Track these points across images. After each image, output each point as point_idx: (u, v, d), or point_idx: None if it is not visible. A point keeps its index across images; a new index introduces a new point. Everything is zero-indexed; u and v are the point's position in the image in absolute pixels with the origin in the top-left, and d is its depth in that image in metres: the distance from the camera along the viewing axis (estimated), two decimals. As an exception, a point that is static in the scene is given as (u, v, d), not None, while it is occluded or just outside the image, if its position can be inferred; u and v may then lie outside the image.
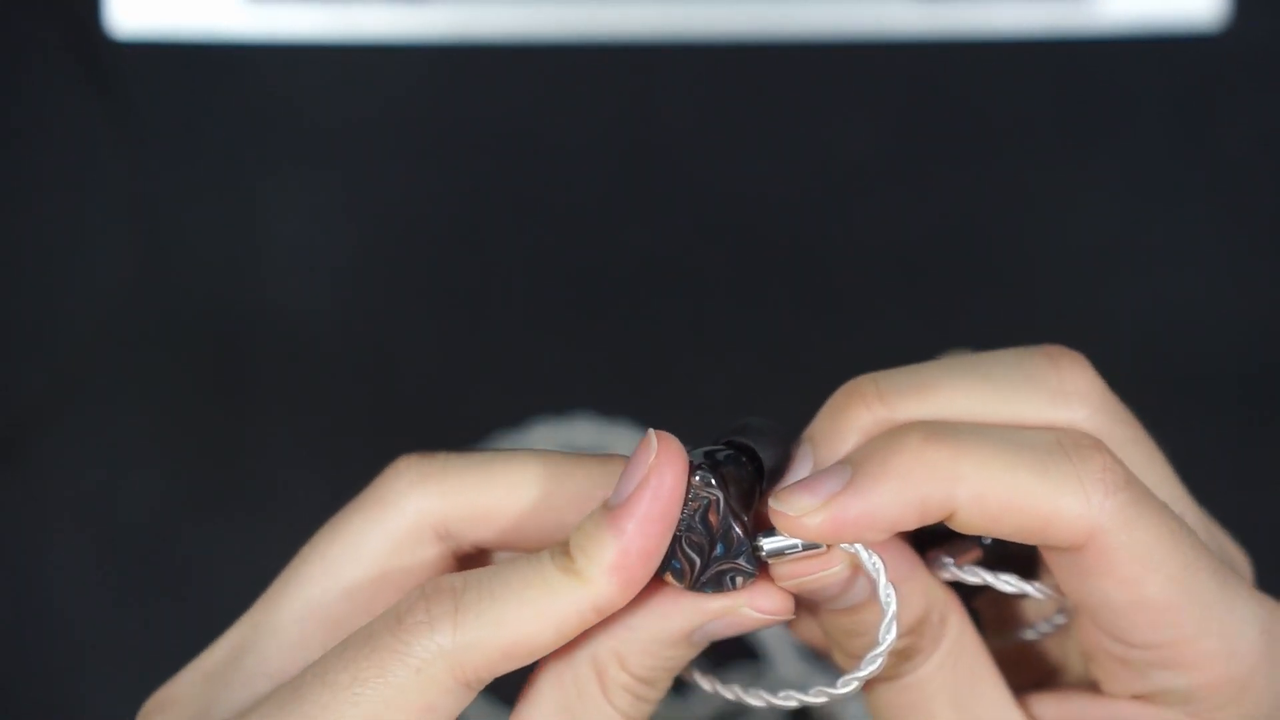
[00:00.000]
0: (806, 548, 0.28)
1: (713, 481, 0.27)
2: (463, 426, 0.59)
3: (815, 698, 0.28)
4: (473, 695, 0.27)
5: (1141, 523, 0.27)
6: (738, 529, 0.27)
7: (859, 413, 0.29)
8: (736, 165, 0.60)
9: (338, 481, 0.58)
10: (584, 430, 0.59)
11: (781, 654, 0.54)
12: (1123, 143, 0.60)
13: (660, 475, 0.27)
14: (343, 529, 0.30)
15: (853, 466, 0.28)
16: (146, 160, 0.60)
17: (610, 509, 0.27)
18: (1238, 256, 0.59)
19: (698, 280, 0.59)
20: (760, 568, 0.28)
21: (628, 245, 0.60)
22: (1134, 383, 0.59)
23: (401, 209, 0.60)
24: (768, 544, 0.28)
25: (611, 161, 0.60)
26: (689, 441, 0.28)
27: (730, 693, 0.30)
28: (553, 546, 0.28)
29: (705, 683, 0.30)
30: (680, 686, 0.53)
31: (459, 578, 0.27)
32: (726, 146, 0.60)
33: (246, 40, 0.60)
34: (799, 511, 0.27)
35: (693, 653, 0.29)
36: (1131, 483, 0.27)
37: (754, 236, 0.60)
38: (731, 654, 0.54)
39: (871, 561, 0.27)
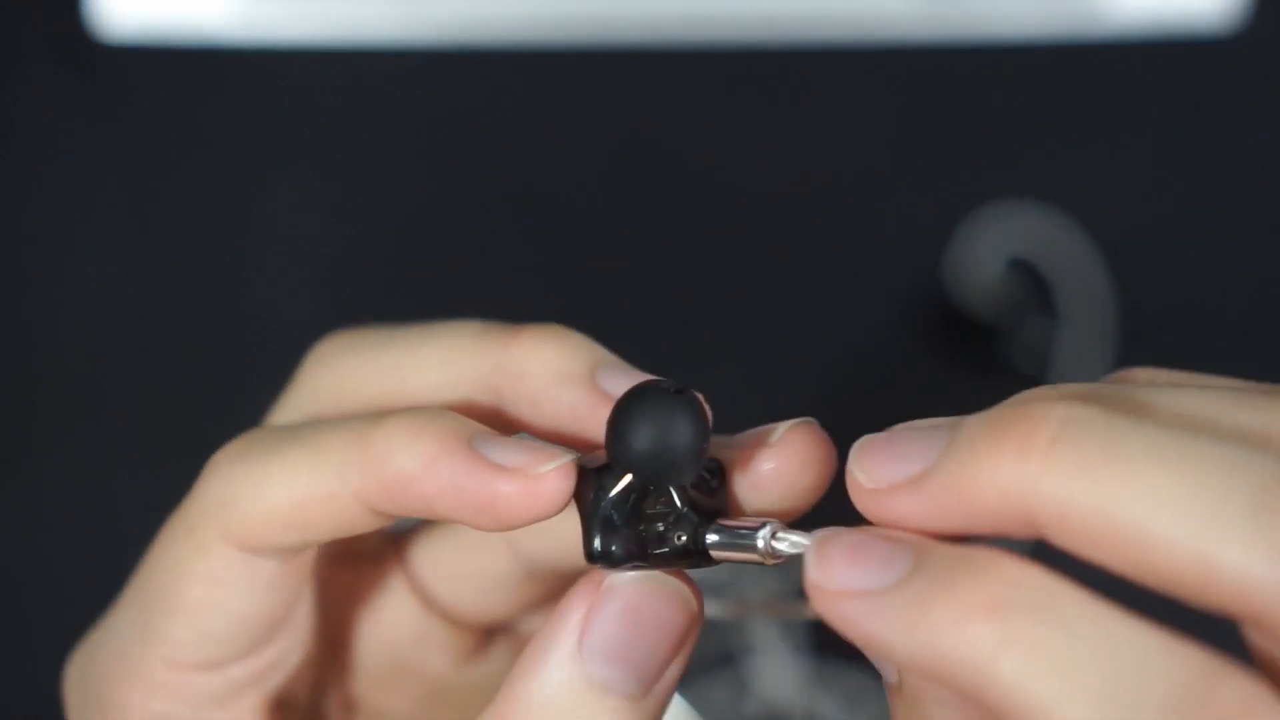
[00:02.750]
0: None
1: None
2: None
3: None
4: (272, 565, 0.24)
5: None
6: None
7: (1011, 457, 0.20)
8: (736, 168, 0.60)
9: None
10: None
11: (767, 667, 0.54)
12: (1133, 146, 0.59)
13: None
14: None
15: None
16: (141, 164, 0.60)
17: (463, 438, 0.23)
18: (1251, 260, 0.59)
19: (696, 282, 0.59)
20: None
21: (626, 248, 0.60)
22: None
23: (398, 211, 0.60)
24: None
25: (610, 165, 0.60)
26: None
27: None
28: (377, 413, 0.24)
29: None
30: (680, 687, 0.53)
31: (265, 429, 0.25)
32: (726, 150, 0.60)
33: (238, 42, 0.60)
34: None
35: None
36: None
37: (754, 239, 0.60)
38: (709, 665, 0.54)
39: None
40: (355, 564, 0.28)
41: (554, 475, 0.22)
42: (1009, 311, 0.57)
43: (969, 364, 0.59)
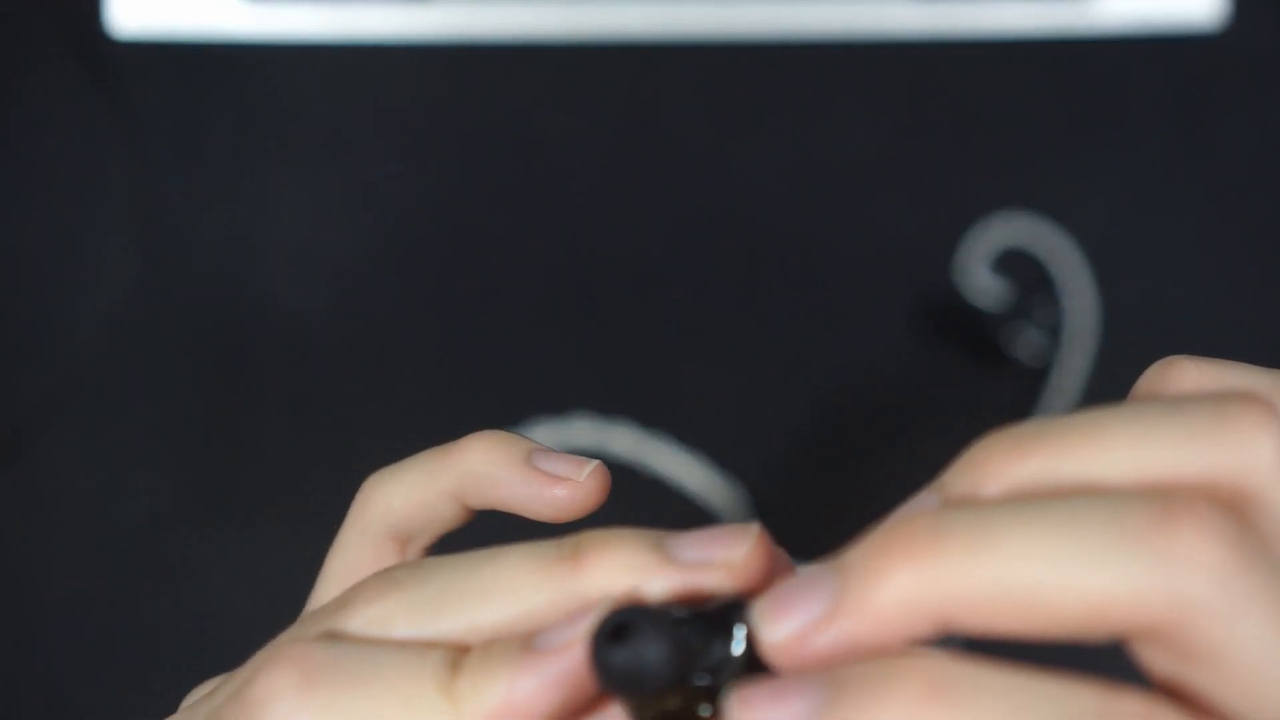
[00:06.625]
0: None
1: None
2: (464, 426, 0.59)
3: None
4: None
5: None
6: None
7: (903, 569, 0.22)
8: (737, 165, 0.60)
9: (338, 482, 0.58)
10: (583, 430, 0.59)
11: None
12: (1120, 142, 0.60)
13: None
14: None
15: (832, 690, 0.21)
16: (147, 160, 0.60)
17: (528, 649, 0.24)
18: (1234, 255, 0.59)
19: (698, 280, 0.59)
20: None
21: (628, 245, 0.60)
22: (1128, 382, 0.59)
23: (402, 209, 0.60)
24: None
25: (611, 162, 0.60)
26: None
27: None
28: (447, 650, 0.25)
29: None
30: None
31: (325, 649, 0.25)
32: (727, 146, 0.60)
33: (247, 40, 0.60)
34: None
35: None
36: None
37: (754, 237, 0.60)
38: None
39: None
40: None
41: (592, 477, 0.29)
42: (1012, 306, 0.57)
43: (972, 361, 0.59)
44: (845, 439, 0.58)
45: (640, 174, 0.60)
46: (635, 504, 0.57)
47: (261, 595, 0.55)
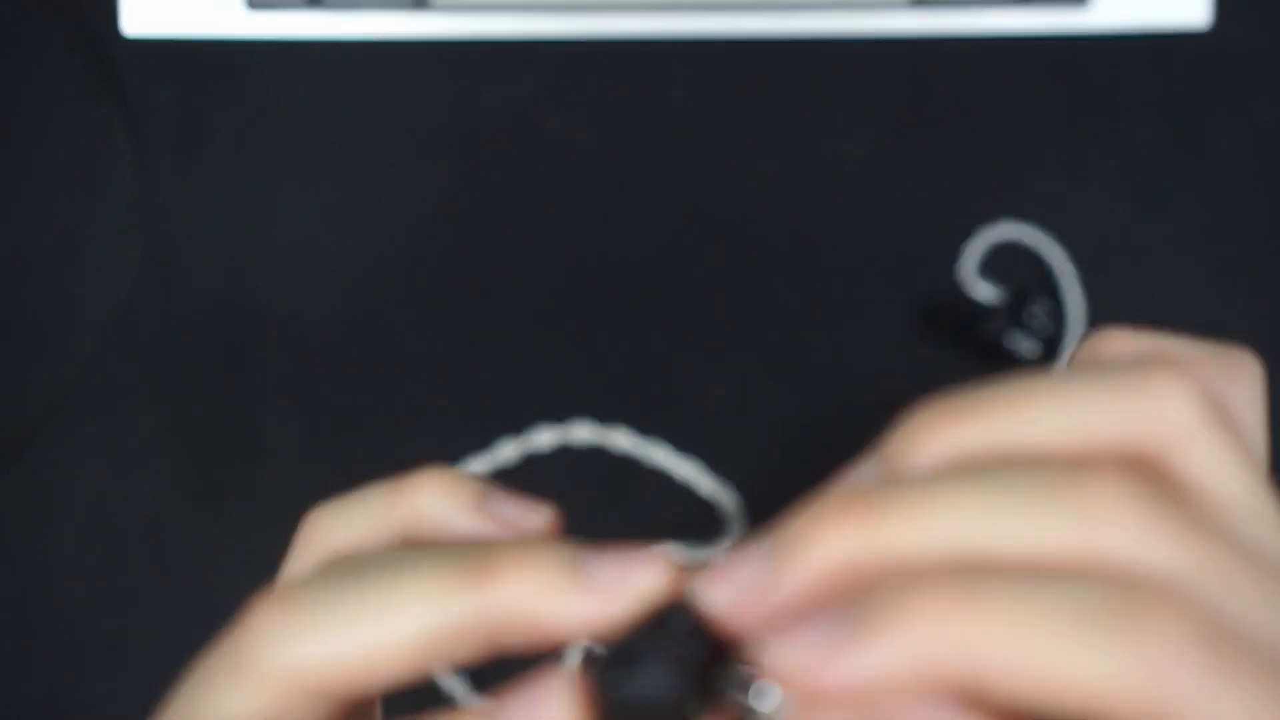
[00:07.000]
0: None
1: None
2: (463, 427, 0.59)
3: None
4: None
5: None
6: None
7: (838, 532, 0.22)
8: (737, 166, 0.60)
9: (339, 482, 0.58)
10: (583, 434, 0.59)
11: None
12: (1117, 143, 0.60)
13: None
14: (197, 702, 0.26)
15: (856, 614, 0.21)
16: (150, 162, 0.60)
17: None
18: (1230, 256, 0.59)
19: (697, 282, 0.59)
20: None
21: (628, 246, 0.60)
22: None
23: (404, 210, 0.60)
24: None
25: (611, 163, 0.60)
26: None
27: None
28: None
29: None
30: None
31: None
32: (727, 147, 0.60)
33: (249, 41, 0.60)
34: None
35: None
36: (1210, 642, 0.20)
37: (753, 237, 0.59)
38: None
39: None
40: None
41: (544, 525, 0.28)
42: (1012, 307, 0.57)
43: (972, 362, 0.59)
44: (845, 441, 0.58)
45: (639, 175, 0.60)
46: (634, 505, 0.57)
47: (262, 595, 0.55)
